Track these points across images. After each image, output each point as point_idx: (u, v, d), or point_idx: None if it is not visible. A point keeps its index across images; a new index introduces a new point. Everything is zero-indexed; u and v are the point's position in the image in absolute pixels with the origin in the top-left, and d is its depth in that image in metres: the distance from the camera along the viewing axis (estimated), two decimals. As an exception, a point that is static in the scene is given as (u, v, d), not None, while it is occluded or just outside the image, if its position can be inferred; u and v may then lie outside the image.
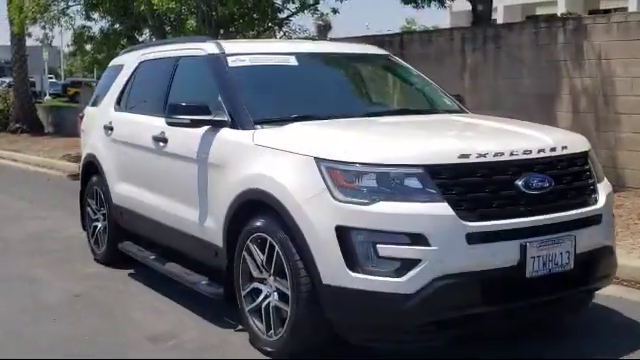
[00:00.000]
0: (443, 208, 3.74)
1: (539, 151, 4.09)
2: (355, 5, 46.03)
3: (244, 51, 5.32)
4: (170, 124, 4.92)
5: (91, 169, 6.71)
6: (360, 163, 3.86)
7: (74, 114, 20.70)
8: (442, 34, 12.27)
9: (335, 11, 14.26)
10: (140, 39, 14.86)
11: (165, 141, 5.31)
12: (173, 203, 5.29)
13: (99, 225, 6.64)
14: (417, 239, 3.72)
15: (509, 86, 10.51)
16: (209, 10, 12.20)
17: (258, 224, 4.31)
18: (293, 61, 5.27)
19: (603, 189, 4.39)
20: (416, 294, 3.70)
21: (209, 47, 5.31)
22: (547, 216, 3.96)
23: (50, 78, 49.13)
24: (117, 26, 14.74)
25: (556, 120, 9.60)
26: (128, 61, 6.63)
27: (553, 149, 4.16)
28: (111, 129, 6.34)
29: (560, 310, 4.47)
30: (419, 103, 5.63)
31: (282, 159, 4.21)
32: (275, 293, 4.24)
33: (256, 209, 4.34)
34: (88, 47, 15.69)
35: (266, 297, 4.32)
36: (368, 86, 5.95)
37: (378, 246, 3.75)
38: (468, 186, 3.83)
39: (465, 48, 11.17)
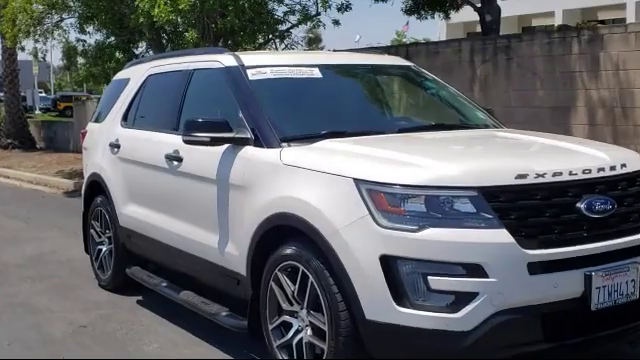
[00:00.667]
0: (502, 235, 3.36)
1: (599, 170, 3.73)
2: (347, 18, 45.83)
3: (264, 63, 4.95)
4: (187, 142, 4.53)
5: (95, 189, 6.30)
6: (406, 185, 3.48)
7: (66, 129, 20.40)
8: (450, 45, 11.93)
9: (337, 22, 13.95)
10: (136, 52, 14.50)
11: (180, 160, 4.93)
12: (189, 226, 4.90)
13: (104, 249, 6.25)
14: (473, 270, 3.34)
15: (522, 98, 10.19)
16: (209, 22, 11.85)
17: (288, 252, 3.93)
18: (317, 73, 4.90)
19: (663, 211, 4.03)
20: (473, 331, 3.33)
21: (226, 59, 4.94)
22: (611, 242, 3.60)
23: (40, 92, 48.60)
24: (112, 39, 14.35)
25: (572, 133, 9.26)
26: (135, 75, 6.23)
27: (613, 167, 3.80)
28: (117, 147, 5.94)
29: (621, 343, 4.11)
30: (452, 117, 5.23)
31: (315, 180, 3.82)
32: (308, 328, 3.86)
33: (286, 235, 3.96)
34: (81, 61, 15.29)
35: (298, 332, 3.93)
36: (396, 99, 5.57)
37: (429, 278, 3.37)
38: (527, 210, 3.46)
39: (474, 59, 10.86)
